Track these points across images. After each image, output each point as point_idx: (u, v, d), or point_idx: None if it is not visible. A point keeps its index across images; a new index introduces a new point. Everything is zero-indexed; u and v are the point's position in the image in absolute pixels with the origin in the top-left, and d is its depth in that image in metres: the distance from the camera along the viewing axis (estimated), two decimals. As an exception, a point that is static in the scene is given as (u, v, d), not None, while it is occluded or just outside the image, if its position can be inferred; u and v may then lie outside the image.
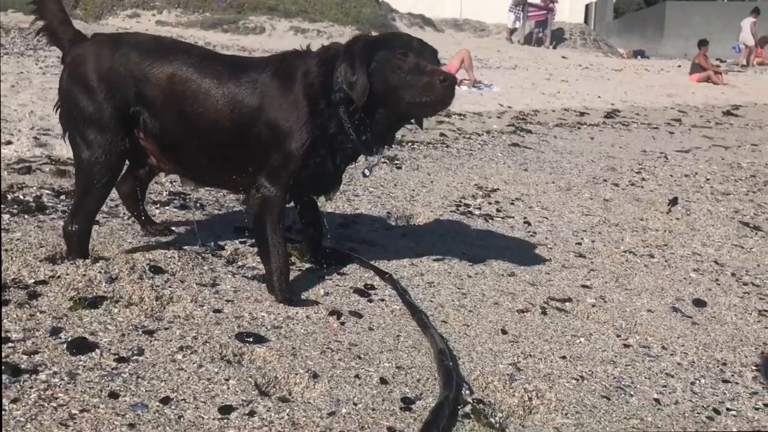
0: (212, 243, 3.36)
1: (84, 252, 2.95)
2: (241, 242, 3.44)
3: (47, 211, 3.65)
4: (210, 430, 1.87)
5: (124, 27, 18.56)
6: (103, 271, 2.80)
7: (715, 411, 2.21)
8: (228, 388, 2.08)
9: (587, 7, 26.13)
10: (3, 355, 2.14)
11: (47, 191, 4.02)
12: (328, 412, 1.99)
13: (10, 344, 2.22)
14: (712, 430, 2.09)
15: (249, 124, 2.76)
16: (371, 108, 2.64)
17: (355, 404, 2.05)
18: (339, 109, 2.69)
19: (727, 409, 2.23)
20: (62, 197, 3.96)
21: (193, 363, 2.20)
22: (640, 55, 22.17)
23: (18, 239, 3.12)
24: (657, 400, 2.24)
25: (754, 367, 2.54)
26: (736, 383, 2.41)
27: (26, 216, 3.51)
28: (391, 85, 2.58)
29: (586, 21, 26.10)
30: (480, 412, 2.05)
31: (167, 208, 3.95)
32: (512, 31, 22.83)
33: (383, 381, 2.19)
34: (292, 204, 3.01)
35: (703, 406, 2.23)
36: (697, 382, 2.40)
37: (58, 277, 2.74)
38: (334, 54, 2.76)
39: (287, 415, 1.96)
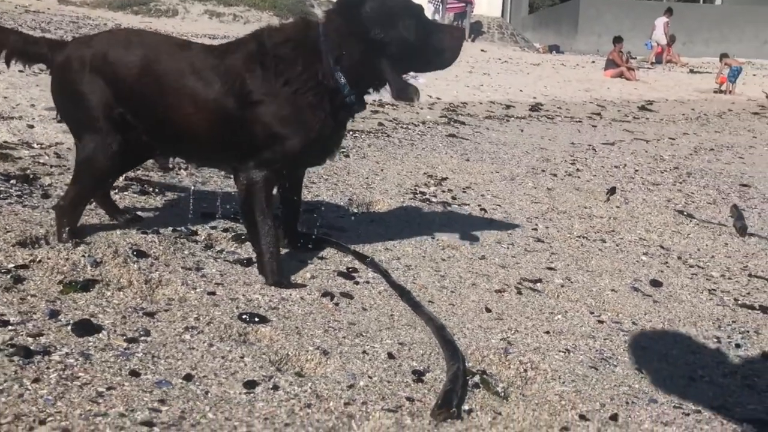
0: (183, 228, 3.39)
1: (73, 232, 2.96)
2: (212, 228, 3.48)
3: (2, 196, 3.57)
4: (240, 403, 1.95)
5: (22, 4, 17.75)
6: (86, 255, 2.80)
7: (691, 378, 2.47)
8: (245, 365, 2.16)
9: (503, 1, 26.90)
10: (6, 339, 2.15)
11: (-4, 176, 3.92)
12: (347, 385, 2.11)
13: (10, 327, 2.22)
14: (692, 394, 2.34)
15: (234, 110, 2.82)
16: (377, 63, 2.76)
17: (370, 377, 2.18)
18: (336, 73, 2.77)
19: (700, 376, 2.49)
20: (12, 181, 3.87)
21: (203, 342, 2.27)
22: (555, 51, 23.03)
23: (-21, 224, 3.06)
24: (638, 370, 2.48)
25: (715, 339, 2.83)
26: (702, 354, 2.69)
27: (-21, 201, 3.43)
28: (413, 42, 2.74)
29: (502, 15, 26.86)
30: (488, 382, 2.22)
31: (126, 193, 3.93)
32: (432, 22, 23.22)
33: (390, 356, 2.33)
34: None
35: (679, 375, 2.48)
36: (669, 353, 2.66)
37: (40, 261, 2.73)
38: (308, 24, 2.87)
39: (310, 388, 2.07)
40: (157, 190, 4.13)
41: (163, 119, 2.88)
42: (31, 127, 5.46)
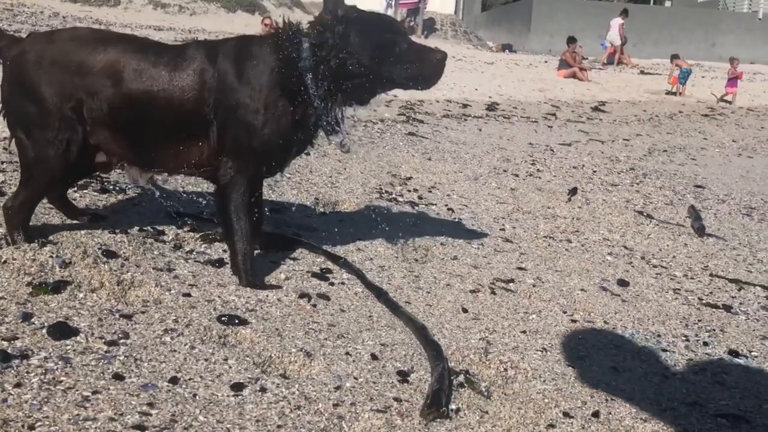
0: (150, 228, 3.38)
1: (24, 235, 2.90)
2: (178, 228, 3.47)
3: (-47, 194, 3.49)
4: (229, 405, 1.98)
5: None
6: (54, 255, 2.77)
7: (664, 376, 2.59)
8: (230, 367, 2.18)
9: (456, -3, 27.24)
10: (-20, 341, 2.12)
11: (-54, 172, 3.83)
12: (334, 387, 2.16)
13: (-17, 331, 2.20)
14: (667, 391, 2.45)
15: (207, 107, 2.84)
16: (351, 79, 2.80)
17: (356, 378, 2.23)
18: (306, 78, 2.80)
19: (673, 374, 2.61)
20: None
21: (184, 345, 2.29)
22: (508, 49, 23.38)
23: (-69, 224, 3.00)
24: (614, 368, 2.59)
25: (684, 338, 2.97)
26: (673, 352, 2.82)
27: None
28: (392, 61, 2.79)
29: (455, 12, 27.14)
30: (473, 382, 2.29)
31: (86, 191, 3.88)
32: (384, 18, 23.31)
33: (374, 357, 2.38)
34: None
35: (653, 372, 2.60)
36: (642, 351, 2.78)
37: (5, 262, 2.70)
38: (297, 31, 2.89)
39: (297, 390, 2.11)
40: (117, 188, 4.09)
41: (131, 123, 2.85)
42: (-23, 121, 5.31)
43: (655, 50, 24.52)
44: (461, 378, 2.30)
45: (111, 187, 4.08)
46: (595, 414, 2.21)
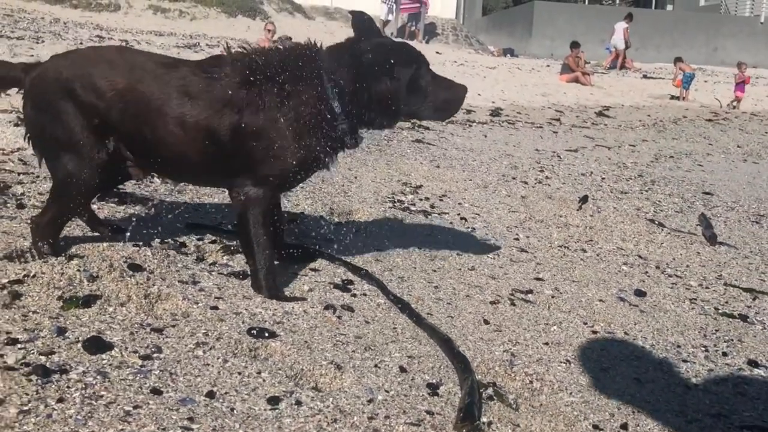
0: (171, 240, 3.44)
1: (52, 249, 2.96)
2: (199, 239, 3.53)
3: (-28, 208, 3.55)
4: (267, 419, 2.03)
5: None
6: (81, 269, 2.83)
7: (686, 387, 2.64)
8: (264, 380, 2.24)
9: (457, 2, 27.29)
10: (19, 357, 2.18)
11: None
12: (367, 400, 2.21)
13: (20, 345, 2.25)
14: (691, 402, 2.51)
15: (230, 129, 2.87)
16: (372, 108, 2.88)
17: (387, 391, 2.28)
18: (331, 104, 2.86)
19: (695, 385, 2.67)
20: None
21: (217, 359, 2.34)
22: (510, 54, 23.47)
23: (-42, 237, 3.06)
24: (637, 379, 2.65)
25: (703, 348, 3.03)
26: (693, 362, 2.87)
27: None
28: (415, 93, 2.87)
29: (456, 16, 27.25)
30: (501, 395, 2.35)
31: (104, 203, 3.94)
32: (385, 23, 23.37)
33: (402, 369, 2.44)
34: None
35: (675, 383, 2.66)
36: (663, 362, 2.83)
37: (34, 276, 2.75)
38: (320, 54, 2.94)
39: (332, 403, 2.16)
40: (134, 199, 4.15)
41: (153, 142, 2.89)
42: (-12, 131, 5.39)
43: (657, 55, 24.63)
44: (490, 391, 2.36)
45: (128, 198, 4.14)
46: (624, 426, 2.27)
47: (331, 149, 2.98)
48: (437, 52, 21.41)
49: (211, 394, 2.12)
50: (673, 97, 16.77)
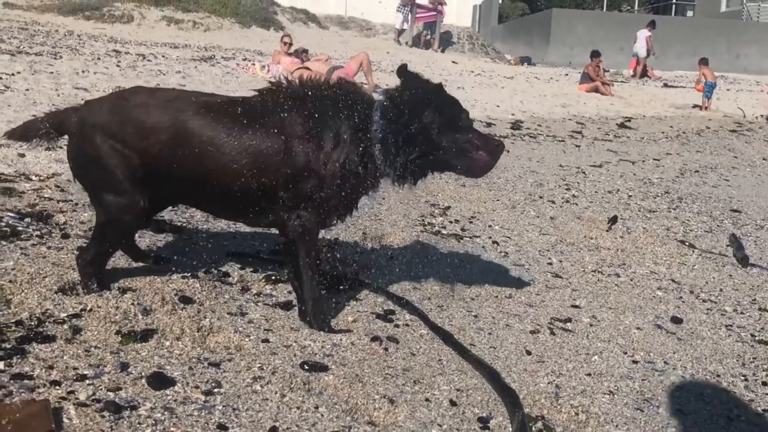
0: (214, 270, 3.59)
1: (99, 283, 3.11)
2: (240, 269, 3.68)
3: (23, 237, 3.72)
4: (330, 455, 2.17)
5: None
6: (135, 302, 2.98)
7: (729, 418, 2.76)
8: (322, 415, 2.38)
9: (473, 10, 27.47)
10: (90, 393, 2.32)
11: (10, 214, 4.06)
12: (422, 434, 2.35)
13: (88, 381, 2.40)
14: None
15: (275, 168, 3.01)
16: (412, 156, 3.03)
17: (440, 425, 2.42)
18: (375, 147, 3.02)
19: (737, 416, 2.79)
20: (27, 220, 4.01)
21: (275, 393, 2.48)
22: (527, 63, 23.61)
23: (14, 269, 3.22)
24: (680, 410, 2.76)
25: (742, 377, 3.14)
26: (734, 392, 2.99)
27: (3, 242, 3.57)
28: (455, 147, 3.04)
29: (471, 25, 27.42)
30: (551, 428, 2.47)
31: (144, 231, 4.09)
32: (400, 32, 23.58)
33: (452, 403, 2.57)
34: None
35: (718, 414, 2.78)
36: (704, 392, 2.95)
37: (91, 310, 2.91)
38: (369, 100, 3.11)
39: (389, 438, 2.29)
40: (171, 228, 4.31)
41: (198, 182, 3.01)
42: (22, 156, 5.58)
43: (678, 62, 24.65)
44: (540, 425, 2.48)
45: (166, 226, 4.30)
46: (670, 459, 2.39)
47: (364, 192, 3.16)
48: (453, 62, 21.60)
49: (274, 430, 2.26)
50: (695, 106, 16.81)
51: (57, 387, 2.35)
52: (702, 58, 17.86)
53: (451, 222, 5.22)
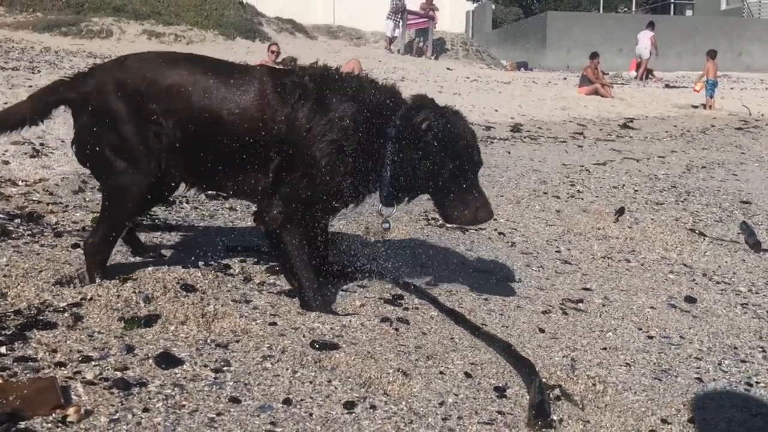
0: (213, 263, 3.65)
1: (103, 271, 3.18)
2: (241, 261, 3.75)
3: (14, 236, 3.79)
4: (346, 422, 2.23)
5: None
6: (136, 291, 3.05)
7: (748, 384, 2.83)
8: (335, 388, 2.44)
9: (467, 16, 27.76)
10: (96, 373, 2.39)
11: None
12: (438, 402, 2.41)
13: (93, 362, 2.46)
14: (754, 399, 2.70)
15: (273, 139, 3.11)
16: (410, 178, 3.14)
17: (456, 395, 2.48)
18: (387, 151, 3.11)
19: (756, 383, 2.86)
20: (17, 221, 4.08)
21: (286, 370, 2.54)
22: (524, 68, 23.86)
23: (7, 265, 3.28)
24: (699, 379, 2.84)
25: (761, 349, 3.22)
26: (752, 362, 3.06)
27: (-6, 241, 3.64)
28: (454, 200, 3.13)
29: (465, 30, 27.71)
30: (569, 394, 2.54)
31: (138, 229, 4.16)
32: (391, 40, 23.78)
33: (468, 375, 2.64)
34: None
35: (736, 381, 2.85)
36: (723, 362, 3.03)
37: (91, 299, 2.97)
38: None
39: (405, 406, 2.36)
40: (166, 224, 4.38)
41: (204, 145, 3.12)
42: (6, 163, 5.65)
43: (679, 62, 24.96)
44: (557, 391, 2.56)
45: (162, 224, 4.37)
46: (691, 420, 2.46)
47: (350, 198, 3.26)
48: (448, 68, 21.79)
49: (288, 401, 2.32)
50: (695, 107, 17.00)
51: (63, 368, 2.41)
52: (710, 50, 17.98)
53: (454, 216, 5.29)
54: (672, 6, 35.34)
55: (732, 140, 12.41)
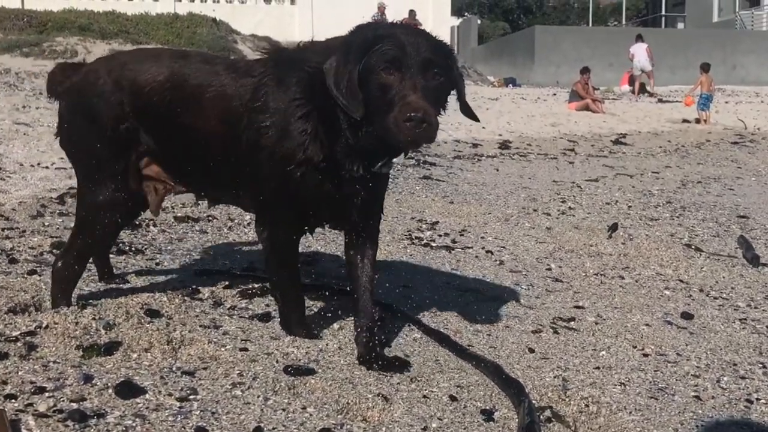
0: (183, 288, 3.59)
1: (68, 298, 3.11)
2: (212, 285, 3.69)
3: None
4: (321, 451, 2.17)
5: None
6: (96, 317, 2.98)
7: (748, 401, 2.80)
8: (311, 415, 2.38)
9: (451, 31, 27.95)
10: (50, 405, 2.32)
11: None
12: (421, 428, 2.36)
13: (48, 393, 2.39)
14: (754, 416, 2.66)
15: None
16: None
17: (440, 419, 2.43)
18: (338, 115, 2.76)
19: (756, 399, 2.82)
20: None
21: (257, 397, 2.48)
22: (512, 84, 24.01)
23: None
24: (697, 397, 2.80)
25: (761, 365, 3.19)
26: (752, 378, 3.03)
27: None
28: (369, 104, 2.65)
29: (449, 46, 27.85)
30: (560, 416, 2.49)
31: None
32: (372, 57, 23.84)
33: (453, 398, 2.59)
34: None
35: (736, 398, 2.81)
36: (721, 380, 2.99)
37: (47, 327, 2.90)
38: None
39: (385, 432, 2.30)
40: (133, 249, 4.32)
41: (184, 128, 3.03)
42: (-39, 189, 5.58)
43: (672, 76, 25.20)
44: (548, 413, 2.51)
45: (127, 248, 4.31)
46: (690, 440, 2.42)
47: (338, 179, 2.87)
48: (431, 86, 21.85)
49: (258, 430, 2.26)
50: (687, 122, 17.14)
51: (13, 400, 2.33)
52: (703, 63, 18.14)
53: (440, 235, 5.27)
54: (663, 19, 35.77)
55: (728, 155, 12.51)
